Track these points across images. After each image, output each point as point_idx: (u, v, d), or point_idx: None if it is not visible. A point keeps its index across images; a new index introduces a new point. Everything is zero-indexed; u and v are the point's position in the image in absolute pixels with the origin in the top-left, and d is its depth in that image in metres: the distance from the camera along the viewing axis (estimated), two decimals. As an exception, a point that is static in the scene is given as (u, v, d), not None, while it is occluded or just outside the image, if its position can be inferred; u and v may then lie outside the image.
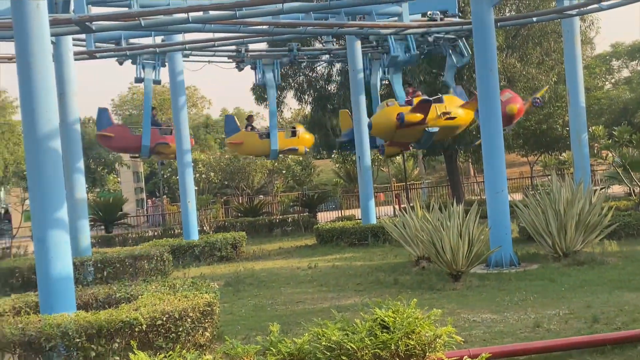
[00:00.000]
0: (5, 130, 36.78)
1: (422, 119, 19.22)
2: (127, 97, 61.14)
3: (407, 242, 15.17)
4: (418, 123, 19.42)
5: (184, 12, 13.04)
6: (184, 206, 21.90)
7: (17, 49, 9.11)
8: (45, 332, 7.80)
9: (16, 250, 26.01)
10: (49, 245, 9.03)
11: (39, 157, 9.06)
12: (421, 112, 18.91)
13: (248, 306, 12.81)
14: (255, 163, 38.74)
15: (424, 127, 19.73)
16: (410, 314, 5.68)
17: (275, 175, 40.89)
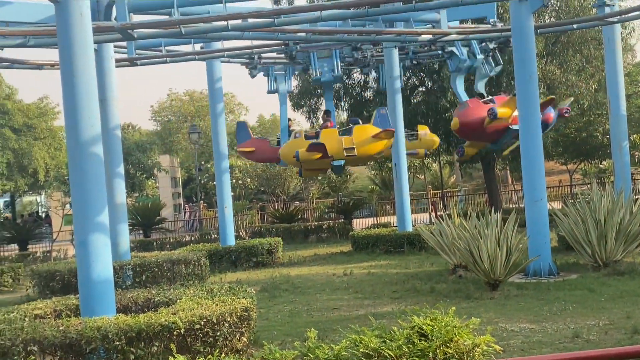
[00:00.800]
0: (46, 135, 37.42)
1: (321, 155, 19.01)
2: (165, 104, 61.80)
3: (444, 250, 15.08)
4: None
5: (224, 20, 13.17)
6: (220, 212, 22.05)
7: (61, 56, 9.28)
8: (86, 335, 7.92)
9: (56, 253, 26.48)
10: (90, 248, 9.17)
11: (82, 162, 9.21)
12: (317, 151, 18.80)
13: (284, 312, 12.85)
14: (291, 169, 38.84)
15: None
16: (449, 322, 5.66)
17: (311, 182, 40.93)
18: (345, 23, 16.34)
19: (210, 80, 21.48)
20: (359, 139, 19.32)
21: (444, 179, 37.92)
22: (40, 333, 8.06)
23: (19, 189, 37.99)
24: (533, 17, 15.18)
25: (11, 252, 29.66)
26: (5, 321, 8.94)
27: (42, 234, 33.46)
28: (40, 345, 7.99)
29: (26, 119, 36.43)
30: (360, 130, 19.63)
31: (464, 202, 36.42)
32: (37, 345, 7.98)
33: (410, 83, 28.47)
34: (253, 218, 35.70)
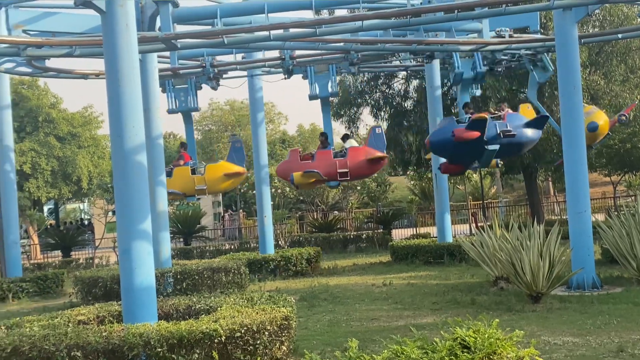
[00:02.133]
0: (90, 144, 38.08)
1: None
2: (206, 113, 62.42)
3: (485, 261, 14.92)
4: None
5: (266, 30, 13.26)
6: (260, 221, 22.15)
7: (107, 66, 9.45)
8: (129, 341, 8.01)
9: (99, 260, 26.86)
10: (133, 256, 9.28)
11: (126, 171, 9.35)
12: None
13: (323, 321, 12.84)
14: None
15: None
16: (492, 335, 5.59)
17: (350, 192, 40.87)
18: (386, 33, 16.34)
19: (251, 89, 21.64)
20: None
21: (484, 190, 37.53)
22: (84, 339, 8.17)
23: (62, 196, 38.70)
24: (577, 27, 14.99)
25: (55, 258, 30.18)
26: (49, 326, 9.10)
27: (84, 241, 33.96)
28: (83, 351, 8.10)
29: (71, 127, 37.13)
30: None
31: (504, 214, 36.02)
32: (80, 351, 8.08)
33: (451, 93, 28.31)
34: (292, 227, 35.76)
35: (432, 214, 31.89)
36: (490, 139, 17.46)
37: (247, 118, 53.59)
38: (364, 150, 19.56)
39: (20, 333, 8.60)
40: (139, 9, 13.31)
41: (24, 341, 8.25)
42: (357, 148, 19.68)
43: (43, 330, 8.65)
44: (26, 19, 15.34)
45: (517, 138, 17.75)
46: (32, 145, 34.65)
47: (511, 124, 17.71)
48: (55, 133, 36.33)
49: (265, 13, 13.17)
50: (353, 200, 40.67)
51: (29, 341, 8.24)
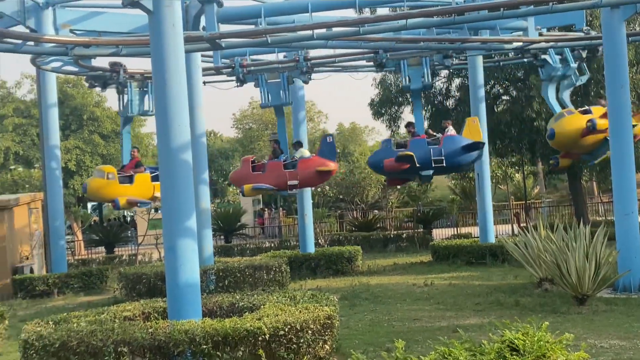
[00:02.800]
0: (133, 142, 38.51)
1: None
2: (247, 112, 62.75)
3: (529, 262, 14.73)
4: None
5: (309, 29, 13.28)
6: (300, 219, 22.20)
7: (154, 65, 9.55)
8: (174, 338, 8.11)
9: (141, 257, 27.16)
10: (178, 253, 9.38)
11: (172, 169, 9.45)
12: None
13: (364, 321, 12.83)
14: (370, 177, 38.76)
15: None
16: (541, 337, 5.51)
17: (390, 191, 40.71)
18: (430, 31, 16.23)
19: (292, 89, 21.63)
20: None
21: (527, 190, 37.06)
22: (130, 335, 8.29)
23: (106, 193, 39.17)
24: (625, 25, 14.71)
25: (98, 254, 30.63)
26: (96, 322, 9.24)
27: (127, 237, 34.41)
28: (130, 347, 8.22)
29: (114, 125, 37.59)
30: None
31: (547, 214, 35.50)
32: (127, 347, 8.21)
33: (493, 92, 28.02)
34: (332, 226, 35.73)
35: (474, 214, 31.61)
36: (424, 165, 17.79)
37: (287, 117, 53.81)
38: (314, 161, 19.50)
39: (68, 328, 8.76)
40: (184, 9, 13.40)
41: (72, 336, 8.41)
42: (307, 160, 19.56)
43: (90, 326, 8.80)
44: (73, 19, 15.60)
45: (449, 165, 18.03)
46: (77, 142, 35.19)
47: (446, 149, 17.82)
48: (100, 131, 36.84)
49: (309, 12, 13.17)
50: (393, 199, 40.48)
51: (77, 336, 8.40)
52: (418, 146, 17.87)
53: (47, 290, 19.51)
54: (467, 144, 17.99)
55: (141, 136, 40.15)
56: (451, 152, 17.85)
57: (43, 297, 19.34)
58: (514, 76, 26.55)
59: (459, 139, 18.22)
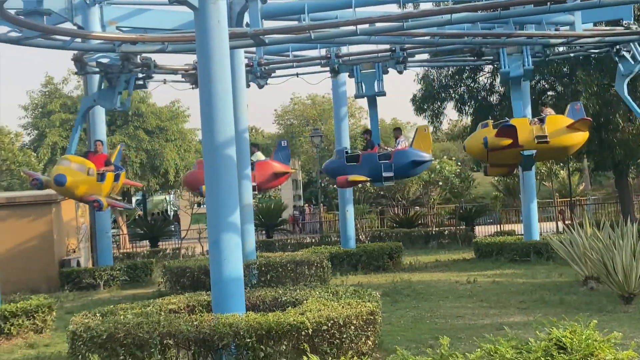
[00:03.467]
0: (177, 137, 38.99)
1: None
2: (289, 108, 63.01)
3: (575, 260, 14.52)
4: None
5: (353, 25, 13.27)
6: (342, 215, 22.22)
7: (199, 62, 9.64)
8: (219, 331, 8.19)
9: (185, 251, 27.52)
10: (222, 247, 9.46)
11: (217, 164, 9.53)
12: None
13: (407, 317, 12.79)
14: (411, 174, 38.58)
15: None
16: (589, 336, 5.43)
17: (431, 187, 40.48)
18: (474, 26, 16.07)
19: (334, 84, 21.68)
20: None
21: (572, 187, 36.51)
22: (176, 327, 8.39)
23: (150, 188, 39.80)
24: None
25: (143, 248, 31.11)
26: (142, 315, 9.38)
27: (171, 231, 34.87)
28: (175, 339, 8.33)
29: (159, 121, 38.11)
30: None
31: (593, 211, 34.93)
32: (172, 339, 8.32)
33: (539, 87, 27.62)
34: (373, 222, 35.69)
35: (517, 211, 31.27)
36: (375, 179, 18.66)
37: (328, 112, 53.81)
38: (269, 164, 19.77)
39: (115, 320, 8.91)
40: (228, 5, 13.50)
41: (119, 328, 8.55)
42: (263, 163, 19.85)
43: (137, 318, 8.93)
44: (119, 16, 15.85)
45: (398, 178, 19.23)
46: (122, 138, 35.74)
47: (396, 164, 18.33)
48: (144, 127, 37.38)
49: (352, 7, 13.16)
50: (435, 195, 40.25)
51: (123, 328, 8.53)
52: (369, 161, 18.45)
53: (93, 283, 19.87)
54: (417, 160, 18.67)
55: (184, 132, 40.59)
56: (401, 166, 18.51)
57: (89, 289, 19.71)
58: (560, 71, 26.13)
59: (409, 153, 18.68)
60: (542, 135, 17.11)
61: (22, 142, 39.43)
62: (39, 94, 39.14)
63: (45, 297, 14.28)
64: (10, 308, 12.74)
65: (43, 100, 38.67)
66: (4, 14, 11.05)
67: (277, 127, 65.54)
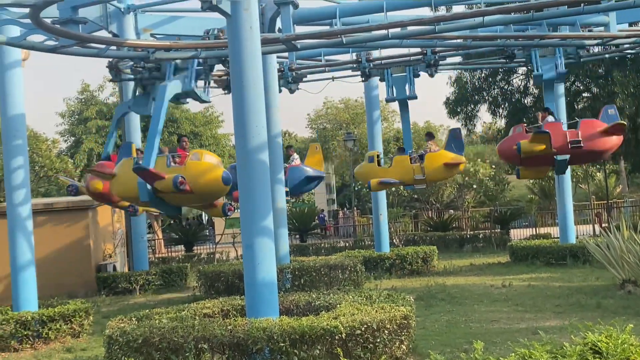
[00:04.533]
0: (211, 142, 39.34)
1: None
2: (322, 112, 63.18)
3: (611, 263, 14.33)
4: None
5: (385, 29, 13.26)
6: (375, 218, 22.19)
7: (232, 67, 9.72)
8: (253, 335, 8.23)
9: (219, 255, 27.67)
10: (256, 252, 9.50)
11: (250, 169, 9.59)
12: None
13: (441, 322, 12.72)
14: (446, 177, 38.37)
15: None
16: (625, 340, 5.36)
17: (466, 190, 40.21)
18: (507, 28, 15.95)
19: (367, 88, 21.69)
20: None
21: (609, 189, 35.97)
22: (210, 331, 8.46)
23: (185, 193, 40.07)
24: None
25: (178, 253, 31.37)
26: (177, 319, 9.48)
27: (205, 236, 35.11)
28: (209, 344, 8.39)
29: (193, 127, 38.49)
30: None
31: (630, 214, 34.38)
32: (207, 343, 8.38)
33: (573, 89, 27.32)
34: (406, 226, 35.55)
35: (553, 214, 30.91)
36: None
37: (361, 116, 53.80)
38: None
39: (150, 325, 9.01)
40: (260, 11, 13.59)
41: (154, 333, 8.64)
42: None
43: (172, 323, 9.03)
44: (153, 23, 16.01)
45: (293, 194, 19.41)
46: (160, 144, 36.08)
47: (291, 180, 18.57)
48: (179, 132, 37.73)
49: (384, 11, 13.15)
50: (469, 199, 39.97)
51: (158, 333, 8.62)
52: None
53: (129, 287, 20.12)
54: (310, 176, 19.08)
55: (218, 137, 40.89)
56: (296, 183, 18.80)
57: (125, 294, 19.96)
58: (595, 73, 25.84)
59: (302, 170, 19.03)
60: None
61: (59, 149, 40.08)
62: (75, 101, 39.77)
63: (82, 301, 14.52)
64: (48, 312, 12.96)
65: (79, 107, 39.29)
66: (41, 23, 11.25)
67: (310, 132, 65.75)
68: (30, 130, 36.51)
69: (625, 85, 23.69)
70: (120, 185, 15.52)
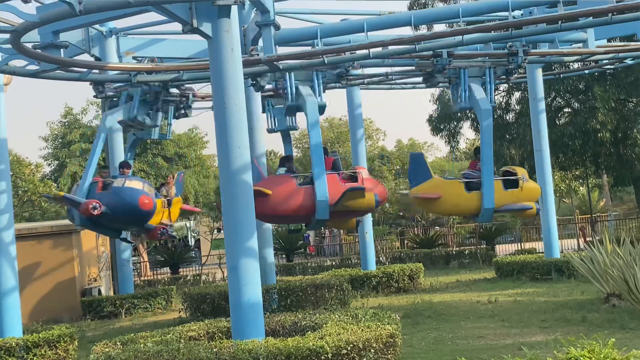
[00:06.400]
0: (196, 163, 39.26)
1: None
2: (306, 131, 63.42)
3: (596, 277, 14.41)
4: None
5: (366, 49, 13.37)
6: (361, 237, 22.19)
7: (214, 89, 9.77)
8: (238, 357, 8.20)
9: (205, 277, 27.55)
10: (241, 273, 9.50)
11: (233, 189, 9.60)
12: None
13: (428, 339, 12.72)
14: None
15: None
16: (608, 355, 5.40)
17: (451, 207, 40.28)
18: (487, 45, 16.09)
19: (350, 106, 21.78)
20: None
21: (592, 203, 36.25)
22: (196, 355, 8.41)
23: (170, 214, 39.92)
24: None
25: (164, 275, 31.21)
26: (162, 342, 9.41)
27: (191, 258, 34.96)
28: (195, 366, 8.34)
29: (177, 148, 38.37)
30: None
31: (614, 228, 34.64)
32: (192, 366, 8.33)
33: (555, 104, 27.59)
34: (392, 243, 35.59)
35: (538, 229, 31.05)
36: None
37: (346, 134, 53.92)
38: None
39: (135, 349, 8.94)
40: (242, 33, 13.67)
41: (139, 357, 8.58)
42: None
43: (157, 347, 8.96)
44: (135, 46, 16.06)
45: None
46: (141, 165, 36.01)
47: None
48: (163, 154, 37.65)
49: (364, 32, 13.26)
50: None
51: (143, 357, 8.57)
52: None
53: (114, 311, 19.96)
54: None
55: (203, 158, 40.82)
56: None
57: (111, 318, 19.80)
58: (576, 88, 26.12)
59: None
60: None
61: (42, 173, 39.85)
62: (58, 125, 39.61)
63: (67, 326, 14.38)
64: (32, 338, 12.82)
65: (63, 130, 39.13)
66: (21, 48, 11.26)
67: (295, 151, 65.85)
68: (14, 155, 36.32)
69: (606, 100, 23.96)
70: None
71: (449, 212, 19.33)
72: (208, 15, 9.52)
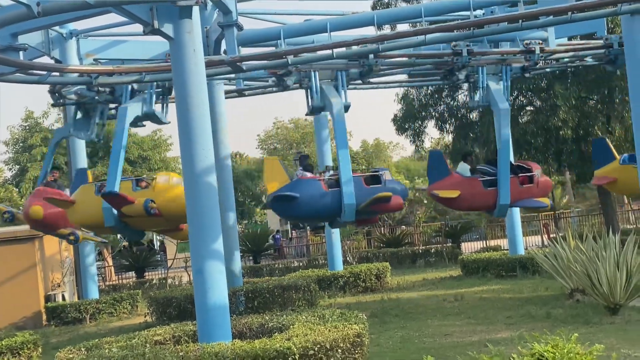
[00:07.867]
0: (160, 166, 38.97)
1: None
2: (272, 132, 63.24)
3: (559, 273, 14.57)
4: None
5: (329, 49, 13.37)
6: (328, 237, 22.21)
7: (177, 90, 9.69)
8: (205, 360, 8.14)
9: (171, 280, 27.32)
10: (206, 275, 9.44)
11: (197, 192, 9.54)
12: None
13: (395, 338, 12.76)
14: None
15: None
16: (571, 349, 5.46)
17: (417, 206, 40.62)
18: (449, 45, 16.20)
19: (315, 107, 21.72)
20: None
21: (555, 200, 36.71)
22: (162, 359, 8.33)
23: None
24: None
25: (129, 279, 30.88)
26: (127, 347, 9.32)
27: (157, 261, 34.65)
28: (161, 371, 8.26)
29: (141, 151, 38.10)
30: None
31: (577, 224, 35.14)
32: (158, 371, 8.25)
33: (517, 102, 27.85)
34: (359, 243, 35.69)
35: (502, 226, 31.34)
36: None
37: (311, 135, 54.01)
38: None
39: (100, 354, 8.84)
40: (204, 34, 13.57)
41: (104, 362, 8.47)
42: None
43: (122, 352, 8.87)
44: (96, 48, 15.87)
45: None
46: (105, 169, 35.60)
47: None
48: (127, 157, 37.23)
49: (327, 32, 13.27)
50: (420, 214, 40.37)
51: (108, 362, 8.46)
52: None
53: (79, 317, 19.70)
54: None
55: (167, 160, 40.53)
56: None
57: (75, 323, 19.53)
58: (538, 86, 26.41)
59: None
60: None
61: (3, 178, 39.24)
62: (19, 129, 39.04)
63: (30, 333, 14.17)
64: (-6, 346, 12.62)
65: (24, 135, 38.58)
66: (-21, 51, 11.05)
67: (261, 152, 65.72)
68: (-27, 160, 35.69)
69: (567, 98, 24.25)
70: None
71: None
72: (169, 16, 9.44)
